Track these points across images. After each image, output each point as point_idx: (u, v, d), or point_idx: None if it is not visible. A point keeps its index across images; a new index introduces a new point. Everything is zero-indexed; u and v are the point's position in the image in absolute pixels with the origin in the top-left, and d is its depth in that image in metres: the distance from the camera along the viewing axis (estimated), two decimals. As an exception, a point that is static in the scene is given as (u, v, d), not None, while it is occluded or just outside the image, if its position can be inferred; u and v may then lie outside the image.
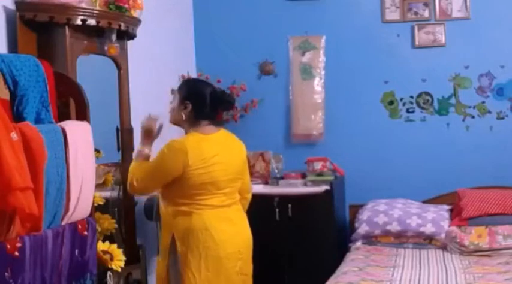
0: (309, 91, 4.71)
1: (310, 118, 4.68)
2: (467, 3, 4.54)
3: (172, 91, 3.14)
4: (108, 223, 2.92)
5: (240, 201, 3.10)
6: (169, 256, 2.93)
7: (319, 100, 4.69)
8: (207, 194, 2.90)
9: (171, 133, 3.20)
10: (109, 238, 2.92)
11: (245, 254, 3.03)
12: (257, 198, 4.32)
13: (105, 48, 2.99)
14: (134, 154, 3.10)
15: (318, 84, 4.70)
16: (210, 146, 2.93)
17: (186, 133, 3.03)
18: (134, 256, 3.27)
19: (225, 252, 2.89)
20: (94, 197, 2.55)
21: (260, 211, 4.16)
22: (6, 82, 2.25)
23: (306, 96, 4.71)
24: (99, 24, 2.82)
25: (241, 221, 3.07)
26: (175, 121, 3.06)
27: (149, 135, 3.03)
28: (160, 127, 3.08)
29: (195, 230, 2.86)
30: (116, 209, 3.15)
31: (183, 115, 2.98)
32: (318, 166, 4.39)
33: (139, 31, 3.18)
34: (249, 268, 3.08)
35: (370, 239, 4.24)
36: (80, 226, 2.39)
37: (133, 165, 2.96)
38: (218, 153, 2.94)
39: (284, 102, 4.77)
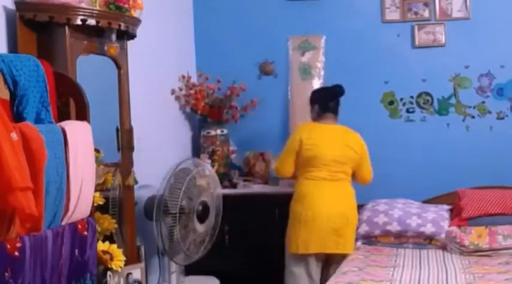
0: (308, 91, 4.67)
1: (308, 118, 4.67)
2: (467, 3, 4.54)
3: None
4: (108, 223, 2.92)
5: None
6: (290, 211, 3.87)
7: (319, 100, 4.68)
8: (314, 166, 3.81)
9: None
10: (109, 238, 2.92)
11: (337, 217, 3.76)
12: (257, 198, 4.34)
13: (105, 48, 2.99)
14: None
15: (317, 84, 4.70)
16: (320, 130, 3.88)
17: None
18: (134, 256, 3.27)
19: (312, 213, 3.74)
20: (94, 197, 2.55)
21: (260, 211, 4.17)
22: (6, 82, 2.25)
23: (306, 96, 4.69)
24: (99, 24, 2.81)
25: (338, 193, 3.84)
26: (312, 118, 4.02)
27: None
28: None
29: (296, 197, 3.84)
30: (116, 209, 3.15)
31: (312, 114, 4.01)
32: (318, 166, 4.38)
33: (139, 31, 3.18)
34: (343, 231, 3.79)
35: (370, 239, 4.23)
36: (80, 226, 2.39)
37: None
38: (326, 136, 3.85)
39: (284, 102, 4.78)
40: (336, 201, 3.80)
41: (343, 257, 3.80)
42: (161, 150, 4.13)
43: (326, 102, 3.96)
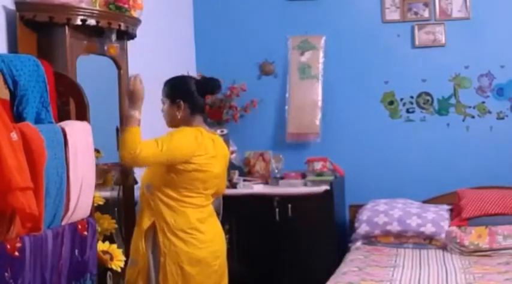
0: (308, 91, 4.71)
1: (310, 118, 4.68)
2: (467, 3, 4.54)
3: (162, 100, 3.09)
4: (108, 223, 2.92)
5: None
6: (147, 240, 2.88)
7: (319, 100, 4.68)
8: (194, 192, 2.89)
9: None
10: (109, 238, 2.92)
11: (223, 253, 3.04)
12: (257, 198, 4.34)
13: (105, 48, 2.99)
14: (124, 121, 2.91)
15: (317, 84, 4.70)
16: (210, 142, 2.94)
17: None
18: (134, 256, 3.27)
19: (207, 251, 2.90)
20: (94, 197, 2.55)
21: (260, 211, 4.17)
22: (6, 82, 2.25)
23: (306, 96, 4.71)
24: (99, 24, 2.81)
25: (216, 221, 3.07)
26: (172, 124, 3.03)
27: (138, 97, 2.88)
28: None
29: (180, 227, 2.85)
30: (116, 209, 3.15)
31: (178, 115, 2.97)
32: (318, 166, 4.39)
33: (139, 31, 3.18)
34: (225, 266, 3.08)
35: (370, 239, 4.24)
36: (80, 226, 2.39)
37: (130, 131, 2.76)
38: (216, 154, 2.96)
39: (284, 102, 4.77)
40: (220, 234, 3.08)
41: None
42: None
43: (202, 97, 3.03)
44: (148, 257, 2.89)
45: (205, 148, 2.88)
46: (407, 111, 4.66)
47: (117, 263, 2.78)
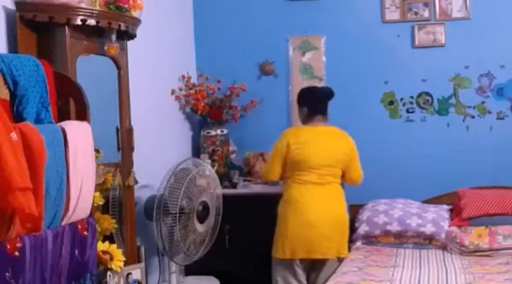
0: (309, 92, 4.71)
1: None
2: (467, 3, 4.54)
3: None
4: (108, 223, 2.92)
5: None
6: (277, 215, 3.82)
7: (319, 100, 4.67)
8: (300, 170, 3.75)
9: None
10: (109, 238, 2.92)
11: (322, 224, 3.70)
12: (257, 198, 4.34)
13: (105, 48, 2.99)
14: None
15: (318, 84, 4.69)
16: (306, 134, 3.82)
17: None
18: (134, 256, 3.27)
19: (301, 220, 3.70)
20: (94, 197, 2.55)
21: (260, 211, 4.17)
22: (6, 82, 2.25)
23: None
24: (99, 24, 2.81)
25: (326, 197, 3.77)
26: (301, 121, 3.96)
27: None
28: None
29: (290, 198, 3.77)
30: (116, 209, 3.15)
31: (300, 117, 3.94)
32: (318, 166, 4.38)
33: (139, 31, 3.18)
34: (328, 236, 3.73)
35: (370, 239, 4.24)
36: (80, 226, 2.39)
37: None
38: (314, 139, 3.78)
39: (284, 102, 4.78)
40: (325, 206, 3.74)
41: (333, 262, 3.80)
42: (161, 150, 4.13)
43: (315, 104, 3.88)
44: None
45: (297, 137, 3.80)
46: (407, 111, 4.66)
47: (117, 263, 2.78)
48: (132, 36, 3.17)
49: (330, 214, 3.74)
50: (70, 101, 2.56)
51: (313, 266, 3.85)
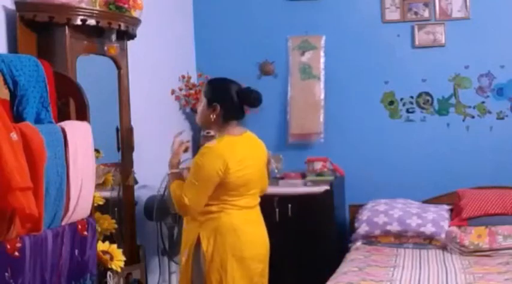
0: (309, 92, 4.71)
1: (310, 118, 4.68)
2: (467, 3, 4.54)
3: (200, 98, 3.11)
4: (108, 223, 2.92)
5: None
6: (194, 255, 2.91)
7: (319, 101, 4.68)
8: (237, 195, 2.92)
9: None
10: (109, 238, 2.92)
11: (265, 257, 3.05)
12: (257, 198, 4.34)
13: (105, 48, 2.99)
14: (168, 178, 3.11)
15: (318, 84, 4.70)
16: (242, 148, 2.96)
17: (216, 135, 3.05)
18: (134, 256, 3.27)
19: (250, 253, 2.92)
20: (94, 197, 2.55)
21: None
22: (6, 82, 2.25)
23: (306, 96, 4.71)
24: (99, 24, 2.81)
25: (261, 223, 3.09)
26: (204, 124, 3.09)
27: (175, 158, 3.07)
28: (186, 148, 3.13)
29: (223, 230, 2.87)
30: (116, 209, 3.15)
31: (212, 118, 2.97)
32: (318, 166, 4.39)
33: (139, 31, 3.18)
34: (266, 270, 3.08)
35: (370, 239, 4.24)
36: (80, 226, 2.39)
37: (174, 187, 2.93)
38: (249, 154, 2.98)
39: (284, 102, 4.77)
40: (263, 235, 3.06)
41: None
42: (161, 150, 4.12)
43: (242, 104, 3.01)
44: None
45: (236, 156, 2.89)
46: (407, 111, 4.66)
47: (117, 263, 2.77)
48: (132, 36, 3.17)
49: (266, 242, 3.07)
50: (70, 101, 2.56)
51: None
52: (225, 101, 2.95)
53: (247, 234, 2.92)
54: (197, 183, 2.85)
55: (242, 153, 2.93)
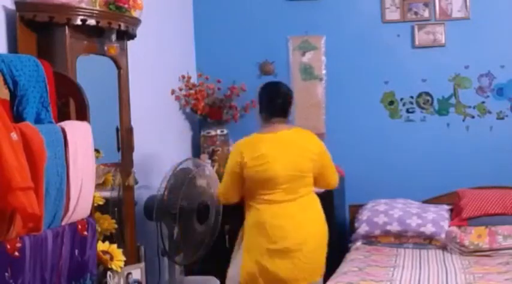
0: (309, 92, 4.71)
1: (310, 119, 4.68)
2: (467, 3, 4.54)
3: None
4: (108, 223, 2.92)
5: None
6: (238, 245, 3.35)
7: (321, 101, 4.69)
8: (267, 189, 3.16)
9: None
10: (109, 238, 2.92)
11: (305, 246, 3.17)
12: (257, 198, 4.33)
13: (105, 48, 2.99)
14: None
15: (318, 84, 4.70)
16: (266, 145, 3.19)
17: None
18: (134, 256, 3.27)
19: (275, 246, 3.13)
20: (94, 197, 2.55)
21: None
22: (6, 82, 2.25)
23: (306, 96, 4.71)
24: (99, 24, 2.81)
25: (303, 214, 3.23)
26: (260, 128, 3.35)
27: None
28: None
29: (259, 221, 3.17)
30: (116, 209, 3.15)
31: (258, 118, 3.35)
32: (318, 166, 4.38)
33: (139, 31, 3.18)
34: (309, 257, 3.21)
35: (370, 239, 4.24)
36: (80, 226, 2.39)
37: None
38: (275, 150, 3.19)
39: (284, 102, 4.77)
40: (301, 227, 3.20)
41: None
42: (161, 150, 4.13)
43: (270, 102, 3.30)
44: None
45: (255, 152, 3.18)
46: (407, 111, 4.66)
47: (117, 263, 2.77)
48: (132, 36, 3.17)
49: (306, 236, 3.20)
50: (70, 101, 2.56)
51: None
52: (260, 103, 3.33)
53: (274, 228, 3.14)
54: (225, 175, 3.30)
55: (264, 150, 3.18)
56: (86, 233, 2.42)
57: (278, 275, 3.15)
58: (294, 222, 3.18)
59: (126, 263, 2.90)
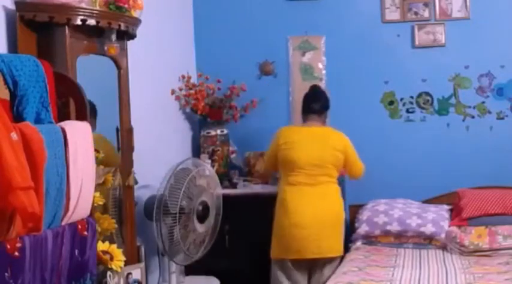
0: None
1: (310, 118, 4.67)
2: (467, 3, 4.54)
3: None
4: (108, 223, 2.91)
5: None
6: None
7: (321, 101, 4.68)
8: (292, 171, 3.81)
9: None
10: (109, 238, 2.91)
11: (310, 224, 3.73)
12: (257, 198, 4.34)
13: (105, 48, 2.98)
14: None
15: (320, 85, 4.69)
16: (297, 134, 3.89)
17: None
18: (134, 256, 3.27)
19: (290, 222, 3.76)
20: (94, 197, 2.54)
21: (260, 211, 4.17)
22: (6, 82, 2.24)
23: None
24: (99, 24, 2.81)
25: (320, 198, 3.80)
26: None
27: None
28: None
29: (281, 199, 3.83)
30: (116, 209, 3.15)
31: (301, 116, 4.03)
32: (318, 166, 4.39)
33: (139, 31, 3.18)
34: (323, 235, 3.75)
35: (370, 239, 4.24)
36: (80, 226, 2.39)
37: None
38: (303, 139, 3.84)
39: (284, 102, 4.78)
40: (312, 207, 3.77)
41: (331, 260, 3.83)
42: (161, 150, 4.13)
43: (308, 102, 3.99)
44: None
45: (287, 137, 3.89)
46: (407, 111, 4.66)
47: (117, 263, 2.77)
48: (132, 36, 3.16)
49: (319, 215, 3.76)
50: (70, 101, 2.56)
51: (314, 267, 3.87)
52: (303, 104, 4.02)
53: (292, 204, 3.76)
54: (266, 152, 4.10)
55: (294, 137, 3.86)
56: (85, 233, 2.42)
57: (289, 243, 3.77)
58: (310, 202, 3.76)
59: (126, 263, 2.89)
